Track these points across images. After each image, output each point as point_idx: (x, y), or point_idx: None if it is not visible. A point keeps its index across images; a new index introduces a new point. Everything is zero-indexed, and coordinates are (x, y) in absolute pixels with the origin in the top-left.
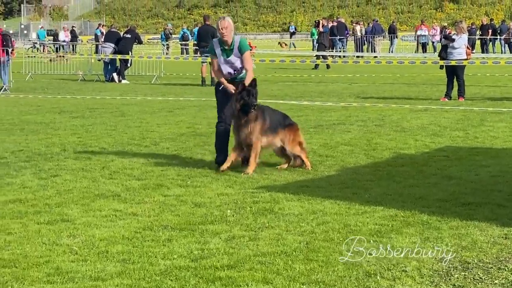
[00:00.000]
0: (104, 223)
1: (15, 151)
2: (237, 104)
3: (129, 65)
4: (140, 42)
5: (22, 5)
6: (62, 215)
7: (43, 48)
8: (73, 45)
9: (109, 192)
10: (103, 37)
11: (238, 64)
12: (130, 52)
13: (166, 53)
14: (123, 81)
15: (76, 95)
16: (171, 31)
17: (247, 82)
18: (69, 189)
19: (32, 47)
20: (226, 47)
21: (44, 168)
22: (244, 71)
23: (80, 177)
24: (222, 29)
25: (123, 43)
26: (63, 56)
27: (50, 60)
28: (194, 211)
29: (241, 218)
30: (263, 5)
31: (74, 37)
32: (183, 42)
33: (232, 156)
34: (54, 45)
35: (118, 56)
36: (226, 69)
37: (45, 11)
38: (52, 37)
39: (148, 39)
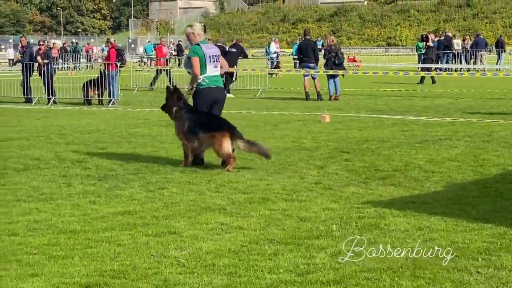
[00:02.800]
0: (211, 236)
1: (123, 163)
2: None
3: (234, 79)
4: (245, 56)
5: (130, 19)
6: (170, 227)
7: (150, 62)
8: (178, 59)
9: (215, 205)
10: None
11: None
12: (235, 66)
13: (271, 67)
14: (228, 95)
15: None
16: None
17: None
18: (176, 202)
19: (139, 61)
20: None
21: (152, 180)
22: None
23: (186, 190)
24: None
25: (229, 57)
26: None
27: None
28: (300, 226)
29: (346, 233)
30: (368, 19)
31: (180, 51)
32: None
33: None
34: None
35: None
36: None
37: (152, 26)
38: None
39: (253, 54)
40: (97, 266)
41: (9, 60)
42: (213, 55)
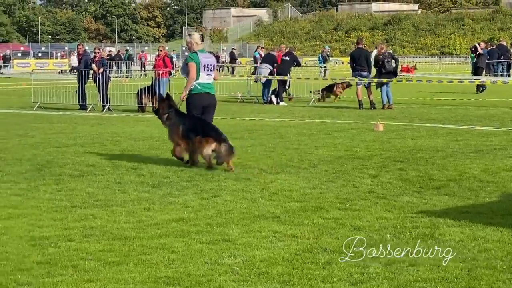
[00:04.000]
0: (264, 244)
1: (177, 171)
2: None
3: (287, 87)
4: (298, 65)
5: (183, 27)
6: (223, 235)
7: None
8: (232, 67)
9: (269, 213)
10: (261, 59)
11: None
12: (288, 75)
13: (324, 75)
14: (281, 103)
15: (235, 117)
16: (328, 53)
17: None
18: (229, 210)
19: None
20: None
21: (205, 188)
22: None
23: (240, 198)
24: None
25: (282, 65)
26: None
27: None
28: (353, 235)
29: (400, 242)
30: (422, 27)
31: (233, 59)
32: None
33: None
34: None
35: (277, 78)
36: None
37: (205, 34)
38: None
39: (306, 62)
40: (151, 272)
41: (72, 67)
42: (208, 64)
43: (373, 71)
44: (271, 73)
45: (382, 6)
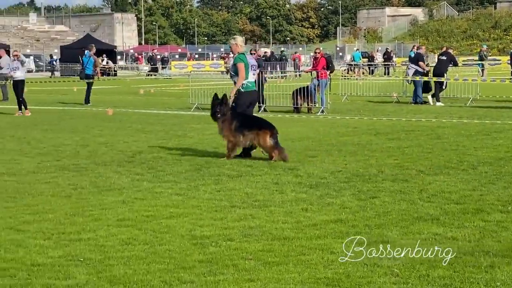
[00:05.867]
0: (424, 247)
1: (334, 171)
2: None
3: (444, 87)
4: (455, 64)
5: (337, 28)
6: (382, 236)
7: (358, 70)
8: (386, 67)
9: (428, 215)
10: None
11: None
12: (445, 74)
13: (482, 75)
14: (438, 104)
15: (392, 117)
16: (485, 52)
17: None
18: (387, 211)
19: (347, 69)
20: None
21: (363, 189)
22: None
23: (398, 200)
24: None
25: (438, 65)
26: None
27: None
28: None
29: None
30: None
31: (388, 59)
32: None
33: None
34: (369, 67)
35: (434, 79)
36: None
37: (359, 34)
38: (366, 59)
39: (463, 61)
40: (311, 273)
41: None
42: (252, 64)
43: None
44: (418, 73)
45: None
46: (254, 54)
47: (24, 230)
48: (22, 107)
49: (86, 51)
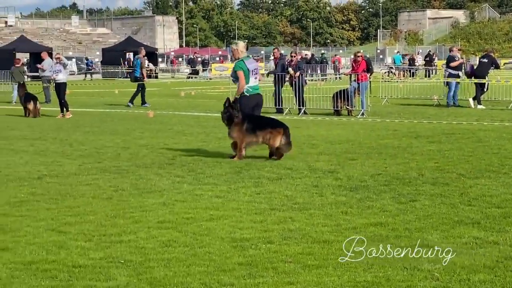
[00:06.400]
0: (465, 251)
1: (374, 174)
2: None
3: (485, 90)
4: (497, 67)
5: (378, 30)
6: (422, 240)
7: (399, 73)
8: (428, 70)
9: (469, 219)
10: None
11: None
12: (486, 77)
13: None
14: (479, 106)
15: (432, 120)
16: None
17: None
18: (428, 215)
19: (388, 71)
20: None
21: (403, 192)
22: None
23: (438, 203)
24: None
25: (479, 67)
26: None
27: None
28: None
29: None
30: None
31: (430, 61)
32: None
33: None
34: (409, 70)
35: (474, 81)
36: None
37: (400, 36)
38: (407, 62)
39: (505, 63)
40: (350, 276)
41: (270, 71)
42: (253, 69)
43: None
44: (452, 76)
45: None
46: (295, 56)
47: (66, 232)
48: (64, 109)
49: (127, 54)
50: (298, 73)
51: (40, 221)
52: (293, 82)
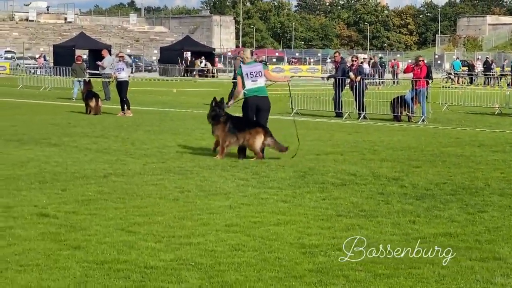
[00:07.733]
0: None
1: (439, 183)
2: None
3: None
4: None
5: (436, 35)
6: (494, 252)
7: (458, 79)
8: (486, 77)
9: None
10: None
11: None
12: None
13: None
14: None
15: (494, 129)
16: None
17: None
18: (497, 226)
19: (447, 77)
20: None
21: (470, 202)
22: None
23: (508, 215)
24: None
25: None
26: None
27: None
28: None
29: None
30: None
31: (488, 68)
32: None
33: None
34: (468, 76)
35: None
36: None
37: (459, 42)
38: (466, 68)
39: None
40: (422, 287)
41: (330, 75)
42: (250, 72)
43: None
44: None
45: None
46: (356, 61)
47: (135, 232)
48: (125, 107)
49: (184, 53)
50: (359, 78)
51: (109, 220)
52: (354, 86)
